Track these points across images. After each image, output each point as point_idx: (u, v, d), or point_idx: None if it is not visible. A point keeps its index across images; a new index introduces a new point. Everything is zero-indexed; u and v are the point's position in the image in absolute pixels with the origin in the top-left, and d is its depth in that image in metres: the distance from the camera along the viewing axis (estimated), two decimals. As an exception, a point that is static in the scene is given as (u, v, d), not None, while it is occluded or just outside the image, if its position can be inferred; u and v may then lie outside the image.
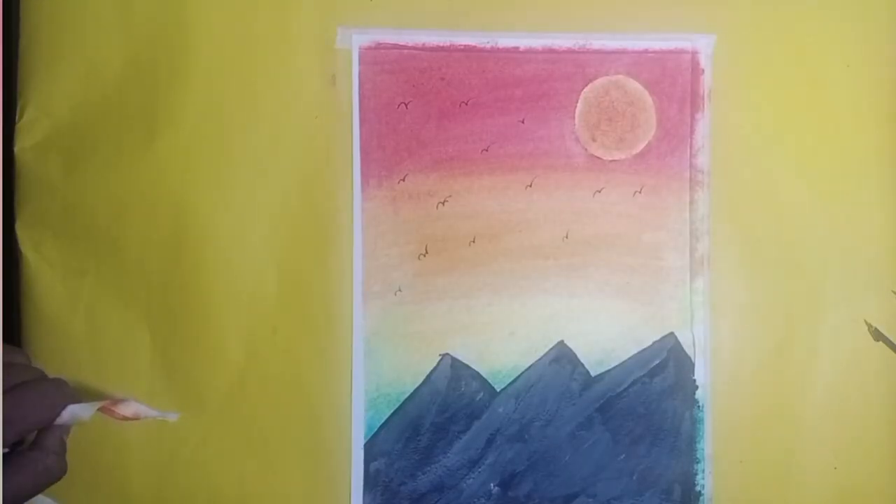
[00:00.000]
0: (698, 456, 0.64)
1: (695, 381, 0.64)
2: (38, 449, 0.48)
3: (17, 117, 0.55)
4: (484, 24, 0.61)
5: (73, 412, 0.49)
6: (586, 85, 0.63)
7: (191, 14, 0.56)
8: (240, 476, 0.60)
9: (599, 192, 0.63)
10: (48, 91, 0.55)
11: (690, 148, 0.64)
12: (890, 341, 0.63)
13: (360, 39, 0.59)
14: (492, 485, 0.63)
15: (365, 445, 0.61)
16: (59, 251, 0.56)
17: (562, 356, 0.64)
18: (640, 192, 0.64)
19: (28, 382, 0.48)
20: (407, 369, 0.62)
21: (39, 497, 0.50)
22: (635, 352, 0.64)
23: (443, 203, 0.62)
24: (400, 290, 0.61)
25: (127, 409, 0.52)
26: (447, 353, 0.63)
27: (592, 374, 0.64)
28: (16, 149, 0.55)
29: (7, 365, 0.49)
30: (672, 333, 0.64)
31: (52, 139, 0.55)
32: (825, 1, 0.63)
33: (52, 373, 0.56)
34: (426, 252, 0.62)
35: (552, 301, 0.63)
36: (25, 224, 0.55)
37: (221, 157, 0.58)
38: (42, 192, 0.55)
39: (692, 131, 0.64)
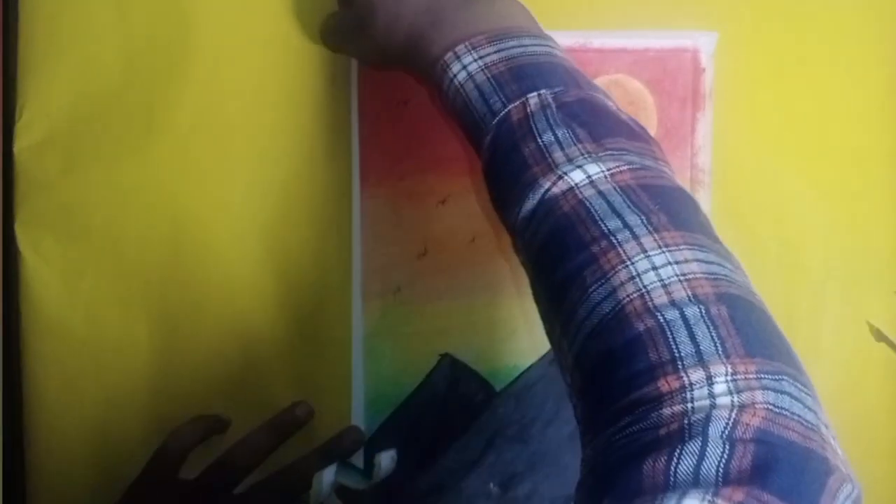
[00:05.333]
0: (698, 456, 0.64)
1: (695, 381, 0.64)
2: None
3: (16, 117, 0.55)
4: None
5: None
6: (587, 84, 0.63)
7: (189, 14, 0.56)
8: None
9: (600, 191, 0.63)
10: (47, 91, 0.55)
11: (691, 147, 0.63)
12: (891, 342, 0.63)
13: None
14: (491, 485, 0.63)
15: (365, 445, 0.61)
16: (58, 251, 0.56)
17: (562, 356, 0.64)
18: (640, 192, 0.63)
19: None
20: (406, 369, 0.62)
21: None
22: (635, 352, 0.64)
23: (442, 202, 0.61)
24: (400, 290, 0.61)
25: None
26: (447, 353, 0.62)
27: (593, 374, 0.64)
28: (15, 149, 0.55)
29: None
30: (672, 333, 0.64)
31: (51, 139, 0.55)
32: (826, 0, 0.63)
33: (51, 372, 0.56)
34: (426, 251, 0.62)
35: (552, 301, 0.63)
36: (24, 224, 0.55)
37: (220, 157, 0.58)
38: (41, 191, 0.55)
39: (693, 131, 0.63)
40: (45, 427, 0.56)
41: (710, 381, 0.35)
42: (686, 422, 0.34)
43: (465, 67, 0.48)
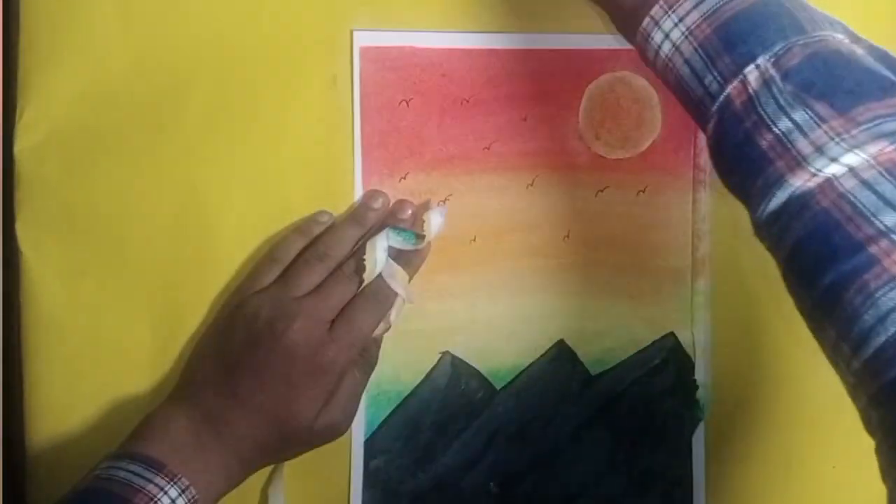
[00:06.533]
0: (698, 456, 0.64)
1: (695, 381, 0.64)
2: None
3: (16, 117, 0.55)
4: (486, 25, 0.60)
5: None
6: (591, 81, 0.63)
7: (193, 15, 0.56)
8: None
9: (602, 191, 0.63)
10: (48, 91, 0.55)
11: (694, 147, 0.63)
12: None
13: (361, 38, 0.59)
14: (491, 484, 0.63)
15: (365, 443, 0.61)
16: (59, 251, 0.56)
17: (562, 355, 0.64)
18: (643, 192, 0.63)
19: None
20: (407, 367, 0.62)
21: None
22: (635, 352, 0.64)
23: (444, 202, 0.61)
24: (400, 289, 0.61)
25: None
26: (447, 352, 0.63)
27: (592, 373, 0.64)
28: (16, 149, 0.55)
29: None
30: (672, 333, 0.64)
31: (53, 139, 0.55)
32: (825, 1, 0.62)
33: (52, 372, 0.56)
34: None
35: (553, 300, 0.63)
36: (25, 224, 0.55)
37: (223, 156, 0.57)
38: (42, 192, 0.55)
39: (697, 130, 0.63)
40: (45, 427, 0.56)
41: None
42: None
43: (667, 36, 0.45)
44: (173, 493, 0.49)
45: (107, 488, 0.48)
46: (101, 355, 0.57)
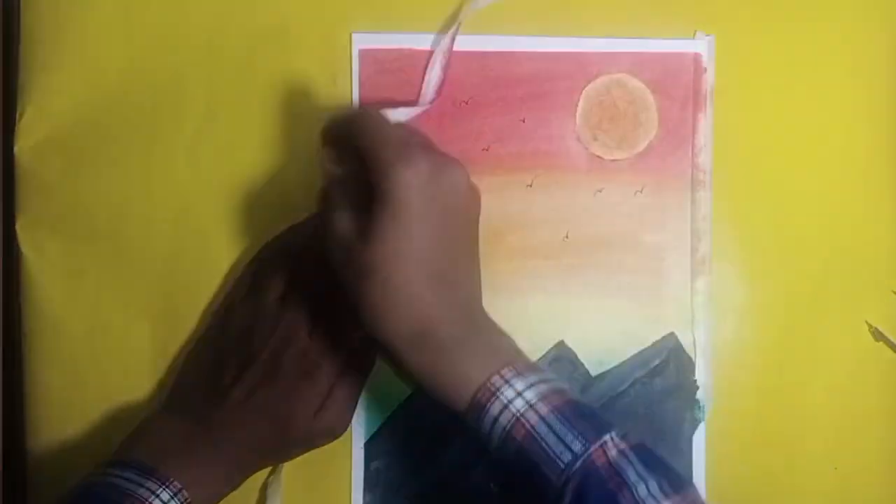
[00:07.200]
0: (698, 456, 0.64)
1: (695, 381, 0.64)
2: None
3: (17, 117, 0.55)
4: (484, 27, 0.61)
5: None
6: (588, 83, 0.63)
7: (192, 14, 0.56)
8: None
9: (600, 191, 0.63)
10: (48, 91, 0.55)
11: (693, 147, 0.63)
12: (890, 342, 0.63)
13: (360, 39, 0.59)
14: (492, 485, 0.63)
15: (365, 445, 0.61)
16: (59, 251, 0.56)
17: (562, 356, 0.64)
18: (640, 192, 0.63)
19: None
20: (407, 368, 0.62)
21: None
22: (635, 352, 0.64)
23: (443, 202, 0.61)
24: (400, 290, 0.61)
25: None
26: (447, 352, 0.62)
27: (593, 373, 0.64)
28: (16, 149, 0.55)
29: None
30: (672, 333, 0.64)
31: (52, 139, 0.55)
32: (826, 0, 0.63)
33: (53, 373, 0.56)
34: (426, 251, 0.61)
35: (552, 301, 0.63)
36: (25, 224, 0.55)
37: (222, 157, 0.58)
38: (42, 192, 0.55)
39: (694, 131, 0.63)
40: (46, 427, 0.56)
41: None
42: None
43: (520, 394, 0.47)
44: (165, 496, 0.49)
45: (96, 493, 0.49)
46: (101, 355, 0.57)
